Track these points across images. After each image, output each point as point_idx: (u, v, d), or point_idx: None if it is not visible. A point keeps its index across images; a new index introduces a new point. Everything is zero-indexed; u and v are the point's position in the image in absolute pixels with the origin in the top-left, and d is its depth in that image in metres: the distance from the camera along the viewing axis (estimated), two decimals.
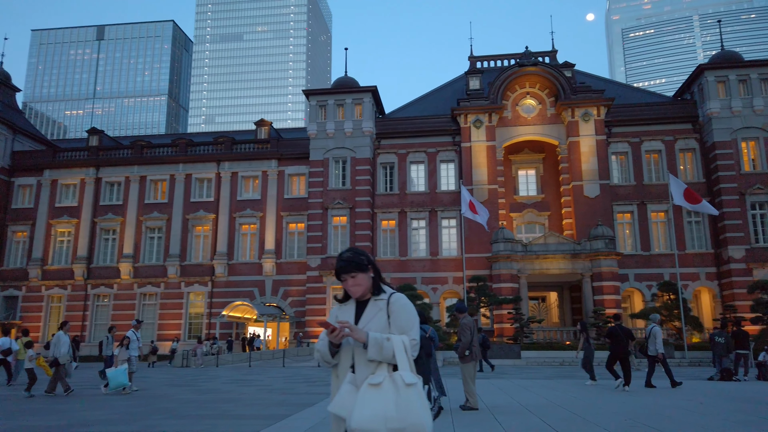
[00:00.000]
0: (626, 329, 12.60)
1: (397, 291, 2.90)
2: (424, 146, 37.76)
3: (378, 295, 2.84)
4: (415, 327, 2.76)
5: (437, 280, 35.77)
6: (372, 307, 2.80)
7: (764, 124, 33.44)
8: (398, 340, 2.66)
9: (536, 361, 24.28)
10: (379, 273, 2.92)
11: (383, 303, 2.79)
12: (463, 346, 8.82)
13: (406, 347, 2.67)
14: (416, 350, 2.75)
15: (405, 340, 2.68)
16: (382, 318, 2.75)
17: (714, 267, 33.84)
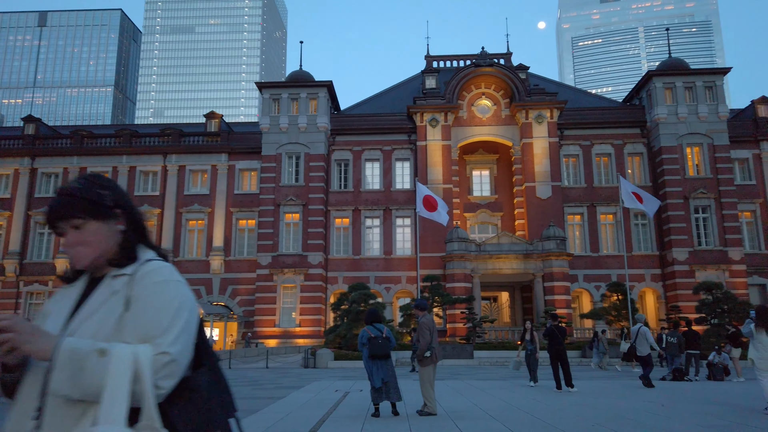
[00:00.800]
0: (562, 328, 12.38)
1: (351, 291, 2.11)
2: (380, 144, 37.30)
3: (121, 268, 1.54)
4: (176, 328, 1.44)
5: (391, 279, 35.37)
6: (103, 290, 1.51)
7: (708, 131, 34.59)
8: (125, 355, 1.35)
9: (488, 360, 24.18)
10: (141, 225, 1.64)
11: (123, 282, 1.50)
12: (423, 347, 8.23)
13: (139, 373, 1.34)
14: (173, 376, 1.40)
15: (142, 357, 1.36)
16: (114, 309, 1.46)
17: (659, 269, 34.79)
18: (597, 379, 15.98)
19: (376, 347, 8.02)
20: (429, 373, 8.30)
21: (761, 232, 34.84)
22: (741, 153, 35.71)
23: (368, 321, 8.53)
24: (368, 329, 8.32)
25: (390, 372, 8.14)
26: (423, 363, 8.31)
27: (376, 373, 8.00)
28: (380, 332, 8.24)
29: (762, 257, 34.56)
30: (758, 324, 8.74)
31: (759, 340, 8.59)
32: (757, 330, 8.68)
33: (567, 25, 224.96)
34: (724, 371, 15.16)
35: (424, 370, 8.32)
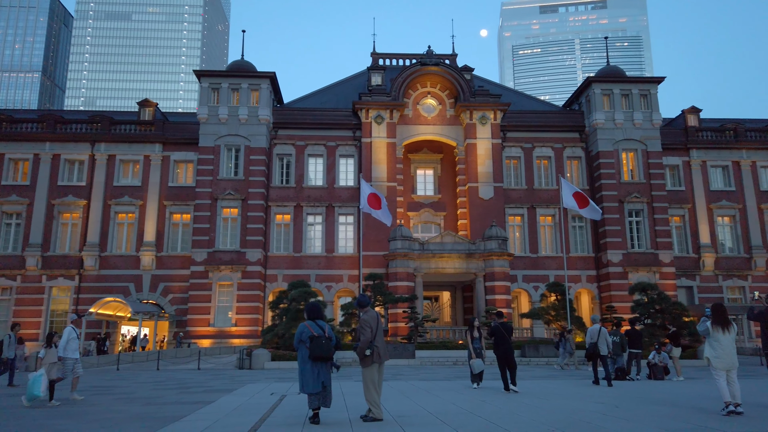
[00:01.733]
0: (509, 327, 11.89)
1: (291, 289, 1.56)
2: (324, 139, 36.45)
3: None
4: None
5: (332, 277, 34.58)
6: None
7: (642, 137, 35.82)
8: None
9: (430, 360, 23.87)
10: None
11: None
12: (363, 345, 7.57)
13: None
14: None
15: None
16: None
17: (594, 270, 35.71)
18: (540, 379, 15.88)
19: (320, 347, 7.25)
20: (372, 374, 7.64)
21: (689, 237, 36.41)
22: (672, 160, 37.22)
23: (310, 316, 7.68)
24: (309, 326, 7.48)
25: (329, 375, 7.46)
26: (364, 363, 7.65)
27: (316, 377, 7.24)
28: (322, 330, 7.47)
29: (689, 260, 36.12)
30: (714, 322, 8.54)
31: (715, 338, 8.40)
32: (713, 328, 8.47)
33: (508, 33, 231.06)
34: (664, 371, 15.41)
35: (366, 371, 7.65)
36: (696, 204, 36.63)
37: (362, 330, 7.65)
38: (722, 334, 8.35)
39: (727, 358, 8.25)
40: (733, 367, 8.27)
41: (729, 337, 8.37)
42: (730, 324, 8.50)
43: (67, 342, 11.13)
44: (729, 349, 8.31)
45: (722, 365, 8.23)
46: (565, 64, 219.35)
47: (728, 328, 8.42)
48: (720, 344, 8.31)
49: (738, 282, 35.93)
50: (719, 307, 8.66)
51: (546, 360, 24.81)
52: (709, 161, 37.38)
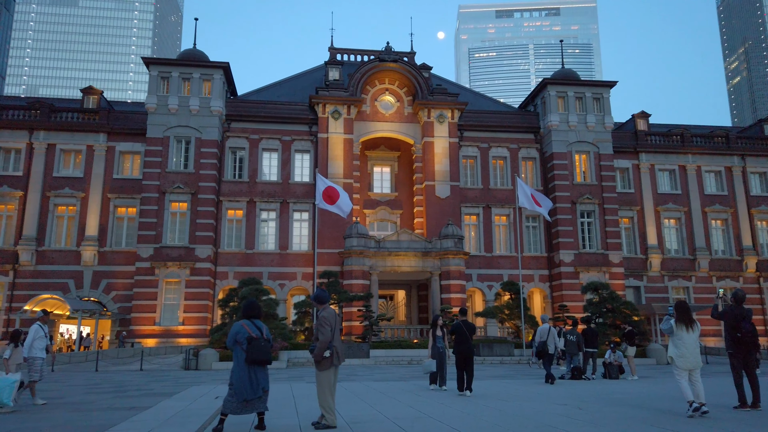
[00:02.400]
0: (471, 325, 11.28)
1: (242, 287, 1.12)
2: (279, 133, 35.52)
3: None
4: None
5: (286, 275, 33.73)
6: None
7: (594, 140, 36.49)
8: None
9: (385, 360, 23.45)
10: None
11: None
12: (321, 346, 6.85)
13: None
14: None
15: None
16: None
17: (546, 270, 36.16)
18: (498, 378, 15.68)
19: (259, 350, 6.54)
20: (329, 378, 6.94)
21: (637, 238, 37.35)
22: (622, 163, 38.10)
23: (246, 315, 6.91)
24: (246, 325, 6.73)
25: (268, 380, 6.80)
26: (321, 365, 6.93)
27: (255, 382, 6.56)
28: (260, 331, 6.74)
29: (637, 261, 37.06)
30: (678, 320, 8.35)
31: (679, 336, 8.20)
32: (677, 326, 8.28)
33: (465, 36, 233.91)
34: (619, 370, 15.45)
35: (322, 374, 6.94)
36: (644, 206, 37.62)
37: (321, 329, 6.92)
38: (686, 333, 8.19)
39: (691, 358, 8.09)
40: (697, 367, 8.12)
41: (693, 336, 8.21)
42: (693, 322, 8.36)
43: (33, 341, 10.25)
44: (693, 348, 8.15)
45: (686, 364, 8.05)
46: (519, 69, 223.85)
47: (692, 327, 8.27)
48: (684, 343, 8.14)
49: (683, 282, 37.11)
50: (683, 305, 8.51)
51: (500, 359, 24.80)
52: (657, 165, 38.46)
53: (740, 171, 38.73)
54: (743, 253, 37.51)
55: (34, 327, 10.47)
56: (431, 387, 12.15)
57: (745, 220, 38.00)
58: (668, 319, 8.47)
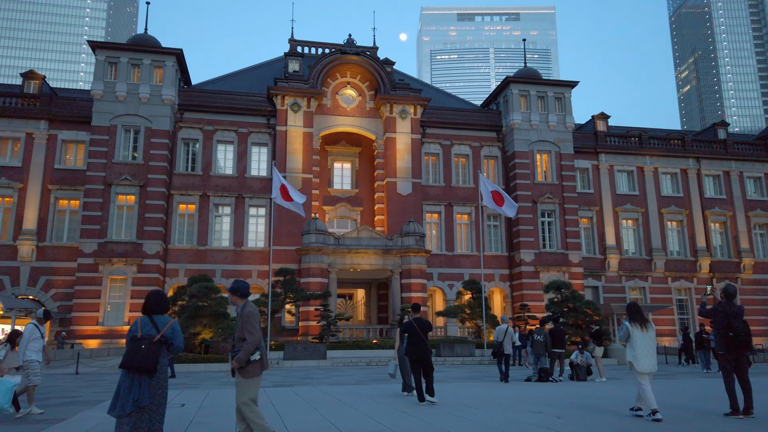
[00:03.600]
0: (426, 323, 9.89)
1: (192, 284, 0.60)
2: (235, 125, 34.06)
3: None
4: None
5: (240, 273, 32.30)
6: None
7: (556, 139, 36.45)
8: None
9: (343, 361, 22.47)
10: None
11: None
12: (249, 348, 5.50)
13: None
14: None
15: None
16: None
17: (507, 269, 35.88)
18: (461, 381, 14.93)
19: (133, 354, 5.18)
20: (255, 388, 5.59)
21: (596, 238, 37.51)
22: (582, 163, 38.21)
23: (147, 309, 5.60)
24: (140, 323, 5.43)
25: (153, 393, 5.28)
26: (248, 371, 5.53)
27: (124, 395, 5.14)
28: (156, 329, 5.37)
29: (596, 261, 37.21)
30: (631, 319, 8.02)
31: (634, 337, 7.86)
32: (631, 325, 7.95)
33: (427, 38, 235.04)
34: (587, 371, 14.90)
35: (247, 383, 5.55)
36: (603, 207, 37.82)
37: (247, 327, 5.57)
38: (640, 332, 7.84)
39: (648, 359, 7.73)
40: (654, 370, 7.80)
41: (648, 336, 7.86)
42: (647, 322, 8.01)
43: (29, 342, 9.27)
44: (648, 349, 7.78)
45: (644, 367, 7.65)
46: (480, 72, 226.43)
47: (646, 326, 7.92)
48: (639, 344, 7.79)
49: (639, 283, 37.47)
50: (634, 306, 8.18)
51: (461, 359, 24.18)
52: (616, 165, 38.75)
53: (695, 173, 39.44)
54: (697, 254, 38.18)
55: (30, 327, 9.47)
56: (404, 393, 10.96)
57: (700, 222, 38.69)
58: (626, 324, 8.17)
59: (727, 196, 39.52)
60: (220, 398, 10.35)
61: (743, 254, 38.56)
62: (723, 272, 38.22)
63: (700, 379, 15.17)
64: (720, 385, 12.53)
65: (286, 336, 29.44)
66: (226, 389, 12.41)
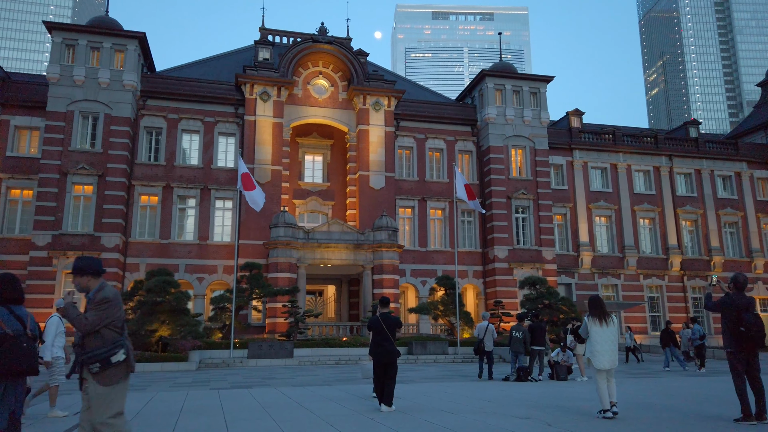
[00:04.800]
0: (393, 319, 8.58)
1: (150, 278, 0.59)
2: (201, 114, 32.65)
3: None
4: None
5: (205, 268, 30.98)
6: None
7: (531, 135, 36.00)
8: None
9: (310, 360, 21.44)
10: None
11: None
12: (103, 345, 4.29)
13: None
14: None
15: None
16: None
17: (480, 266, 35.30)
18: (434, 381, 14.08)
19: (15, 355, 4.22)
20: (120, 398, 4.35)
21: (569, 235, 37.22)
22: (557, 159, 37.86)
23: (2, 299, 4.49)
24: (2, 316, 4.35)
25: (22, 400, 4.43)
26: (108, 377, 4.26)
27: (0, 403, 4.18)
28: (22, 324, 4.39)
29: (569, 258, 36.91)
30: (591, 314, 7.57)
31: (593, 332, 7.45)
32: (590, 321, 7.52)
33: (402, 35, 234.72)
34: (567, 370, 14.15)
35: (108, 394, 4.25)
36: (577, 203, 37.53)
37: (100, 315, 4.36)
38: (599, 328, 7.42)
39: (607, 356, 7.30)
40: (614, 367, 7.36)
41: (608, 331, 7.41)
42: (608, 316, 7.55)
43: (56, 337, 8.39)
44: (608, 345, 7.32)
45: (602, 363, 7.25)
46: (454, 71, 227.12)
47: (606, 321, 7.47)
48: (597, 339, 7.37)
49: (612, 280, 37.32)
50: (596, 300, 7.70)
51: (434, 357, 23.41)
52: (590, 162, 38.52)
53: (667, 171, 39.48)
54: (669, 252, 38.22)
55: (55, 320, 8.53)
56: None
57: (671, 220, 38.75)
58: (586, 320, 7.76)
59: (698, 195, 39.69)
60: (163, 404, 9.27)
61: (713, 252, 38.76)
62: (694, 270, 38.36)
63: (684, 378, 14.64)
64: (710, 385, 11.99)
65: (252, 333, 28.25)
66: (176, 392, 11.30)
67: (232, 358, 20.53)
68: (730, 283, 6.98)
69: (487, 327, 13.10)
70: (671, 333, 20.53)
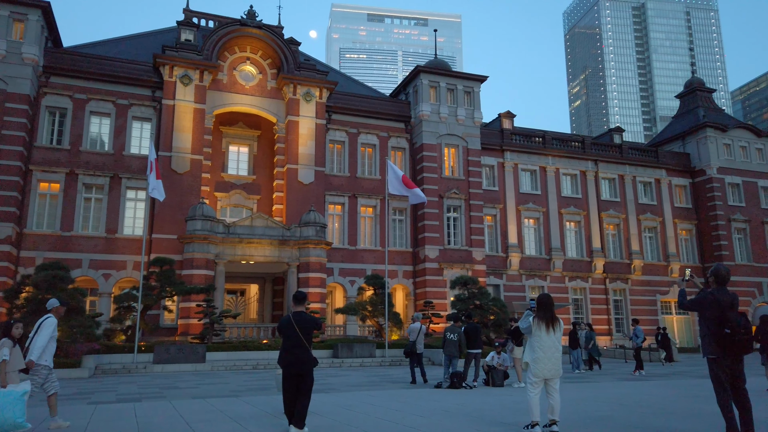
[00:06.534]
0: (309, 319, 6.86)
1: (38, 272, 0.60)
2: (113, 95, 29.86)
3: None
4: None
5: (113, 264, 28.24)
6: None
7: (464, 134, 35.59)
8: None
9: (225, 365, 19.60)
10: None
11: None
12: None
13: None
14: None
15: None
16: None
17: (411, 265, 34.48)
18: (360, 388, 12.79)
19: None
20: None
21: (499, 236, 37.11)
22: (488, 160, 37.70)
23: None
24: None
25: None
26: None
27: None
28: None
29: (498, 259, 36.79)
30: (538, 316, 6.61)
31: (538, 337, 6.52)
32: (537, 324, 6.59)
33: (336, 35, 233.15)
34: (504, 375, 13.15)
35: None
36: (507, 205, 37.51)
37: None
38: (546, 333, 6.54)
39: (550, 363, 6.47)
40: (556, 375, 6.54)
41: (554, 337, 6.57)
42: (556, 321, 6.67)
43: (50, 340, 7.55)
44: (552, 351, 6.51)
45: (543, 371, 6.42)
46: (388, 74, 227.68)
47: (554, 326, 6.62)
48: (542, 345, 6.50)
49: (538, 282, 37.55)
50: (546, 300, 6.75)
51: (360, 360, 22.15)
52: (520, 164, 38.65)
53: (593, 175, 40.30)
54: (593, 255, 38.94)
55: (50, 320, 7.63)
56: None
57: (596, 223, 39.54)
58: (528, 315, 6.83)
59: (621, 199, 40.78)
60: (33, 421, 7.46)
61: (634, 256, 39.89)
62: (615, 273, 39.31)
63: (625, 384, 14.10)
64: (661, 393, 11.30)
65: (163, 336, 25.89)
66: (32, 409, 9.36)
67: (135, 363, 18.37)
68: (709, 276, 6.06)
69: (420, 329, 12.04)
70: (577, 337, 20.57)
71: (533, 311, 6.80)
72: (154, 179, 20.05)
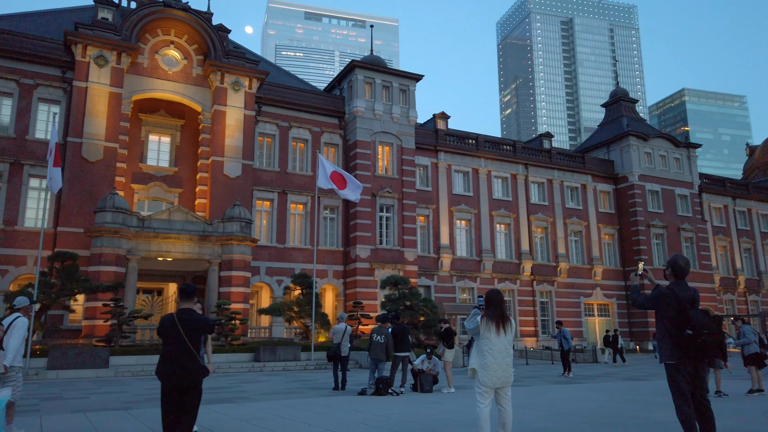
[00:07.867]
0: (199, 319, 5.48)
1: None
2: (17, 74, 27.12)
3: None
4: None
5: (11, 259, 25.55)
6: None
7: (398, 132, 35.02)
8: None
9: (131, 370, 17.84)
10: None
11: None
12: None
13: None
14: None
15: None
16: None
17: (341, 265, 33.51)
18: (281, 396, 11.67)
19: None
20: None
21: (431, 237, 36.80)
22: (422, 160, 37.33)
23: None
24: None
25: None
26: None
27: None
28: None
29: (430, 260, 36.46)
30: (488, 316, 5.70)
31: (487, 340, 5.61)
32: (486, 324, 5.64)
33: (273, 32, 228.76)
34: (433, 380, 12.33)
35: None
36: (440, 205, 37.28)
37: None
38: (496, 335, 5.61)
39: (500, 370, 5.55)
40: (508, 383, 5.62)
41: (505, 340, 5.66)
42: (507, 320, 5.74)
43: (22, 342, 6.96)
44: (503, 357, 5.60)
45: (492, 380, 5.50)
46: (324, 74, 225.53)
47: (504, 327, 5.69)
48: (491, 349, 5.57)
49: (469, 283, 37.53)
50: (496, 297, 5.87)
51: (284, 364, 20.93)
52: (453, 165, 38.54)
53: (523, 179, 40.83)
54: (521, 257, 39.39)
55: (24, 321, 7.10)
56: None
57: (525, 226, 40.05)
58: (476, 314, 5.89)
59: (549, 203, 41.54)
60: None
61: (560, 259, 40.71)
62: (542, 275, 39.95)
63: (554, 387, 13.75)
64: (598, 398, 10.77)
65: (68, 338, 23.55)
66: None
67: (26, 369, 16.34)
68: (667, 268, 5.39)
69: (345, 330, 11.35)
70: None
71: (481, 309, 5.93)
72: (52, 166, 18.00)
